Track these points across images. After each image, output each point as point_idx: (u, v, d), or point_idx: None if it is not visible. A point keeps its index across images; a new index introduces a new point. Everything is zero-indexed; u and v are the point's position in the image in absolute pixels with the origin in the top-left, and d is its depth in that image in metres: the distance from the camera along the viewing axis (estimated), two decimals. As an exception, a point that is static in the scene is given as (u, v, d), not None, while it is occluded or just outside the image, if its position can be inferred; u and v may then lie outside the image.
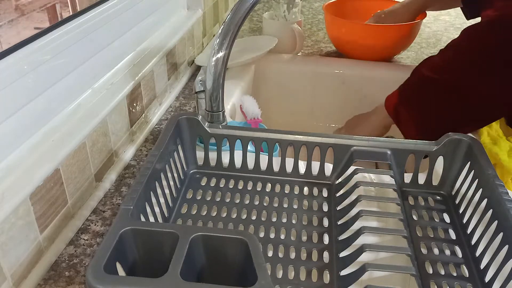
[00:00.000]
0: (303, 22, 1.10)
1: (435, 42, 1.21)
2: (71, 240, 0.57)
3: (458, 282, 0.50)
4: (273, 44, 1.01)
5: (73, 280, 0.52)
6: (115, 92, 0.68)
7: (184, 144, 0.64)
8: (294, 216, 0.59)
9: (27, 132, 0.54)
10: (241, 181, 0.64)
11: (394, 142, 0.62)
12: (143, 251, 0.44)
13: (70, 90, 0.62)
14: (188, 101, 0.90)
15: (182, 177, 0.63)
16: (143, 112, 0.79)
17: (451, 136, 0.61)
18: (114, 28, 0.72)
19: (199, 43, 1.08)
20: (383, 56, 1.07)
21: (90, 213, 0.61)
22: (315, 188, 0.63)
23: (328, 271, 0.51)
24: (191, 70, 1.02)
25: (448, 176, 0.62)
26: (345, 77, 1.06)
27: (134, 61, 0.77)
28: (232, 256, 0.43)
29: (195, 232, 0.42)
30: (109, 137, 0.67)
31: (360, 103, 1.07)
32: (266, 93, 1.09)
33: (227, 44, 0.64)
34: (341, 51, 1.11)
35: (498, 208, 0.51)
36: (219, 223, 0.57)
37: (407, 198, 0.62)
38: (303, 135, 0.63)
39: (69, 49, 0.61)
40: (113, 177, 0.67)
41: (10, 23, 0.70)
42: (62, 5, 0.78)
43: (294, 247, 0.54)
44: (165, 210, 0.56)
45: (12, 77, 0.51)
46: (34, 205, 0.51)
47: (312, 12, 1.42)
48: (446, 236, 0.56)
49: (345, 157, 0.63)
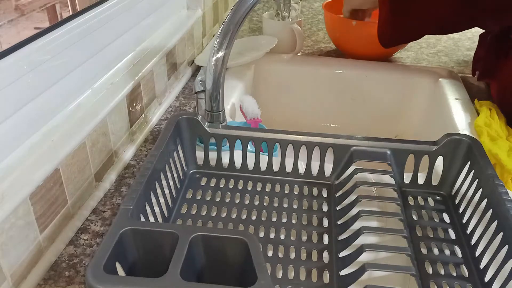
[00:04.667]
0: (303, 22, 1.10)
1: (435, 42, 1.21)
2: (71, 240, 0.57)
3: (458, 282, 0.50)
4: (273, 44, 1.01)
5: (73, 280, 0.52)
6: (115, 92, 0.68)
7: (184, 144, 0.64)
8: (294, 216, 0.59)
9: (27, 132, 0.54)
10: (241, 181, 0.64)
11: (394, 142, 0.62)
12: (143, 251, 0.44)
13: (70, 90, 0.62)
14: (188, 101, 0.90)
15: (182, 177, 0.63)
16: (143, 112, 0.79)
17: (451, 136, 0.61)
18: (114, 28, 0.72)
19: (199, 43, 1.08)
20: (383, 53, 1.07)
21: (90, 213, 0.61)
22: (315, 188, 0.63)
23: (328, 271, 0.51)
24: (191, 70, 1.02)
25: (448, 176, 0.62)
26: (345, 77, 1.06)
27: (134, 61, 0.77)
28: (232, 256, 0.43)
29: (195, 232, 0.42)
30: (109, 137, 0.67)
31: (360, 103, 1.08)
32: (266, 93, 1.09)
33: (227, 44, 0.64)
34: (341, 49, 1.12)
35: (498, 208, 0.51)
36: (219, 223, 0.57)
37: (407, 198, 0.62)
38: (303, 135, 0.63)
39: (69, 49, 0.61)
40: (113, 177, 0.67)
41: (10, 23, 0.70)
42: (62, 5, 0.78)
43: (294, 247, 0.54)
44: (165, 210, 0.56)
45: (12, 77, 0.51)
46: (34, 205, 0.51)
47: (312, 12, 1.42)
48: (446, 236, 0.56)
49: (345, 157, 0.63)
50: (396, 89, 1.04)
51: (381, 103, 1.06)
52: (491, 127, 0.77)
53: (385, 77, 1.04)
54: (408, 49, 1.15)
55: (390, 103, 1.06)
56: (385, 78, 1.04)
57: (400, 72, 1.04)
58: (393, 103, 1.06)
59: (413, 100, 1.03)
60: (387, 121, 1.07)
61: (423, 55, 1.13)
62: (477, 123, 0.78)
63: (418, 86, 1.02)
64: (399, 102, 1.05)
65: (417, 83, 1.02)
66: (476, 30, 1.30)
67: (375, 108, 1.07)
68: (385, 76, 1.04)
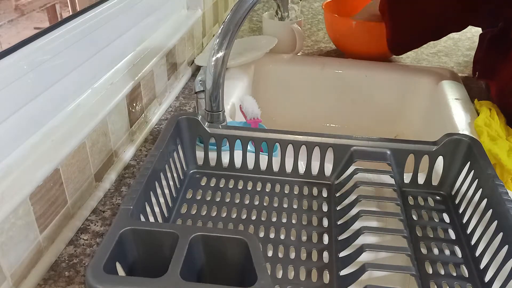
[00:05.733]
0: (303, 22, 1.10)
1: (435, 42, 1.21)
2: (71, 240, 0.57)
3: (457, 282, 0.50)
4: (273, 44, 1.01)
5: (72, 280, 0.52)
6: (115, 92, 0.68)
7: (184, 144, 0.64)
8: (294, 216, 0.59)
9: (27, 132, 0.54)
10: (241, 181, 0.64)
11: (394, 142, 0.62)
12: (143, 251, 0.44)
13: (70, 90, 0.62)
14: (188, 101, 0.90)
15: (182, 177, 0.63)
16: (143, 112, 0.79)
17: (451, 136, 0.61)
18: (114, 28, 0.72)
19: (199, 43, 1.08)
20: (383, 53, 1.07)
21: (90, 213, 0.61)
22: (315, 188, 0.63)
23: (328, 271, 0.51)
24: (191, 70, 1.02)
25: (448, 176, 0.62)
26: (345, 77, 1.06)
27: (134, 61, 0.77)
28: (232, 256, 0.43)
29: (195, 232, 0.42)
30: (109, 137, 0.67)
31: (360, 103, 1.08)
32: (266, 93, 1.09)
33: (227, 44, 0.64)
34: (341, 49, 1.12)
35: (498, 208, 0.51)
36: (219, 223, 0.57)
37: (407, 198, 0.62)
38: (303, 135, 0.63)
39: (69, 49, 0.61)
40: (113, 177, 0.67)
41: (10, 23, 0.70)
42: (62, 5, 0.78)
43: (293, 247, 0.54)
44: (165, 210, 0.56)
45: (12, 77, 0.51)
46: (34, 205, 0.51)
47: (312, 12, 1.42)
48: (445, 236, 0.56)
49: (345, 157, 0.63)
50: (396, 89, 1.04)
51: (381, 103, 1.06)
52: (491, 127, 0.77)
53: (385, 77, 1.04)
54: (408, 49, 1.15)
55: (390, 103, 1.06)
56: (385, 78, 1.04)
57: (400, 72, 1.04)
58: (393, 103, 1.06)
59: (413, 100, 1.03)
60: (387, 121, 1.07)
61: (423, 55, 1.13)
62: (477, 123, 0.78)
63: (418, 86, 1.02)
64: (399, 102, 1.05)
65: (417, 83, 1.02)
66: (476, 30, 1.30)
67: (375, 108, 1.07)
68: (385, 76, 1.04)
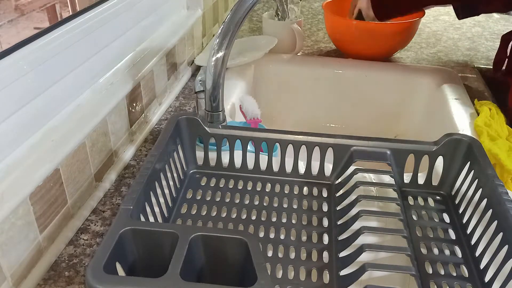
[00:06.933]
0: (303, 22, 1.10)
1: (434, 42, 1.21)
2: (71, 240, 0.57)
3: (457, 282, 0.50)
4: (273, 44, 1.01)
5: (72, 280, 0.52)
6: (115, 92, 0.68)
7: (184, 144, 0.64)
8: (294, 216, 0.59)
9: (27, 132, 0.54)
10: (241, 181, 0.64)
11: (394, 142, 0.62)
12: (143, 251, 0.44)
13: (70, 90, 0.62)
14: (188, 101, 0.90)
15: (182, 177, 0.63)
16: (142, 112, 0.79)
17: (451, 136, 0.61)
18: (114, 28, 0.72)
19: (199, 43, 1.08)
20: (383, 53, 1.07)
21: (90, 213, 0.61)
22: (315, 188, 0.63)
23: (327, 271, 0.51)
24: (191, 70, 1.02)
25: (448, 176, 0.62)
26: (345, 77, 1.06)
27: (134, 61, 0.77)
28: (232, 256, 0.43)
29: (194, 232, 0.42)
30: (109, 137, 0.67)
31: (360, 103, 1.08)
32: (266, 93, 1.09)
33: (227, 44, 0.64)
34: (341, 49, 1.12)
35: (498, 208, 0.51)
36: (219, 223, 0.57)
37: (407, 198, 0.62)
38: (303, 135, 0.63)
39: (69, 49, 0.61)
40: (113, 177, 0.67)
41: (10, 23, 0.70)
42: (62, 5, 0.78)
43: (293, 247, 0.54)
44: (165, 210, 0.56)
45: (12, 77, 0.51)
46: (34, 205, 0.51)
47: (312, 12, 1.42)
48: (445, 236, 0.56)
49: (345, 157, 0.63)
50: (396, 89, 1.04)
51: (381, 103, 1.06)
52: (491, 127, 0.77)
53: (385, 77, 1.04)
54: (408, 49, 1.15)
55: (390, 103, 1.06)
56: (385, 78, 1.04)
57: (400, 72, 1.04)
58: (393, 103, 1.06)
59: (413, 100, 1.03)
60: (387, 121, 1.07)
61: (423, 55, 1.13)
62: (477, 123, 0.78)
63: (418, 86, 1.02)
64: (399, 102, 1.05)
65: (417, 83, 1.02)
66: (477, 30, 1.30)
67: (375, 108, 1.07)
68: (385, 76, 1.04)
